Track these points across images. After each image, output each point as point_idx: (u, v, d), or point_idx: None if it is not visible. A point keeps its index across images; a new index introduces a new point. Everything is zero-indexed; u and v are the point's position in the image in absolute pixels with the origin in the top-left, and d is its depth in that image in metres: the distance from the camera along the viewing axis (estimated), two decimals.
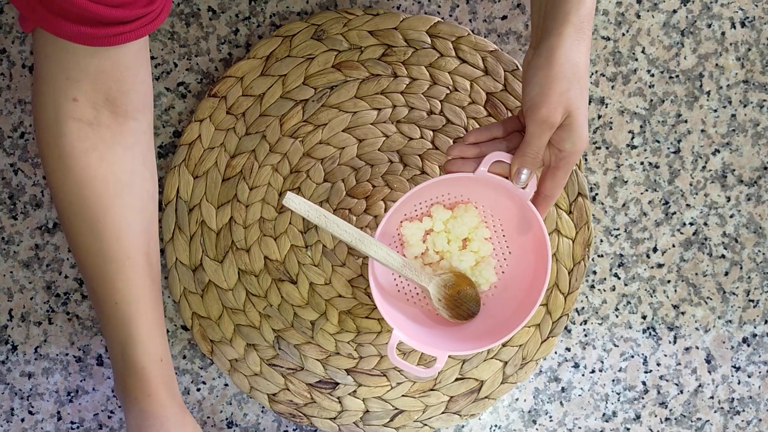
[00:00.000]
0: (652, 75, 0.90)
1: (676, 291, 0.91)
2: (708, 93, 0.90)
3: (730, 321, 0.91)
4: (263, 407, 0.90)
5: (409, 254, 0.83)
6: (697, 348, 0.91)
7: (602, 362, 0.91)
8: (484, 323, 0.83)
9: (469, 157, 0.78)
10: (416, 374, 0.78)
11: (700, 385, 0.91)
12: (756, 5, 0.89)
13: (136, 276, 0.75)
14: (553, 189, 0.78)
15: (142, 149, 0.76)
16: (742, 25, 0.90)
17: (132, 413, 0.77)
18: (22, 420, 0.90)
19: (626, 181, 0.90)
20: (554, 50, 0.73)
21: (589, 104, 0.89)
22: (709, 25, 0.89)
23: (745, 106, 0.90)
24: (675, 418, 0.91)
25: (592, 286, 0.90)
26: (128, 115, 0.74)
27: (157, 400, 0.76)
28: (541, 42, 0.74)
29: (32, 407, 0.90)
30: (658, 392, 0.91)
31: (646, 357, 0.91)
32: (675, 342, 0.91)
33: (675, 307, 0.91)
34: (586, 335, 0.91)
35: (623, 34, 0.89)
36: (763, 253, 0.91)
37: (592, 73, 0.89)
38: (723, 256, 0.91)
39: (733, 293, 0.91)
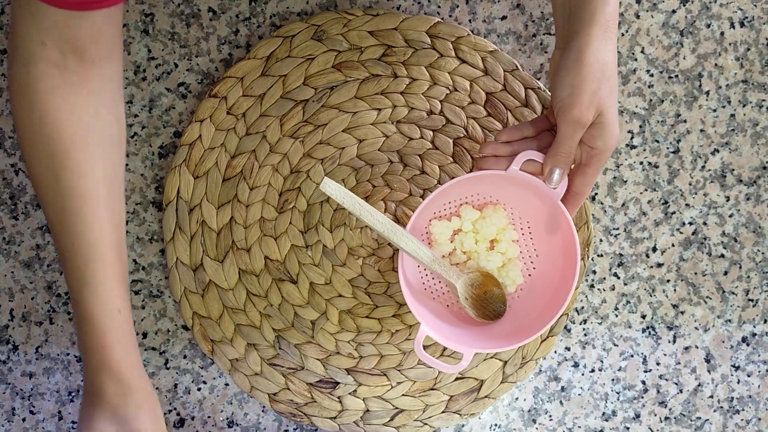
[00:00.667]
0: (652, 75, 0.90)
1: (675, 290, 0.91)
2: (707, 93, 0.90)
3: (730, 320, 0.91)
4: (264, 407, 0.91)
5: (436, 252, 0.83)
6: (697, 347, 0.91)
7: (602, 361, 0.91)
8: (510, 324, 0.83)
9: (501, 155, 0.79)
10: (441, 370, 0.78)
11: (699, 385, 0.91)
12: (755, 5, 0.90)
13: (95, 219, 0.74)
14: (584, 186, 0.79)
15: (108, 97, 0.75)
16: (741, 25, 0.90)
17: (88, 366, 0.75)
18: (24, 420, 0.90)
19: (626, 181, 0.90)
20: (583, 51, 0.74)
21: None
22: (708, 25, 0.90)
23: (744, 105, 0.90)
24: (674, 417, 0.91)
25: (592, 286, 0.91)
26: (94, 63, 0.74)
27: (112, 354, 0.74)
28: (569, 43, 0.75)
29: (33, 407, 0.90)
30: (658, 391, 0.91)
31: (645, 356, 0.91)
32: (674, 341, 0.91)
33: (674, 306, 0.91)
34: (585, 335, 0.91)
35: (622, 34, 0.89)
36: (763, 253, 0.91)
37: None
38: (722, 256, 0.91)
39: (733, 293, 0.91)
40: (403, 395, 0.90)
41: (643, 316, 0.91)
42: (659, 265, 0.91)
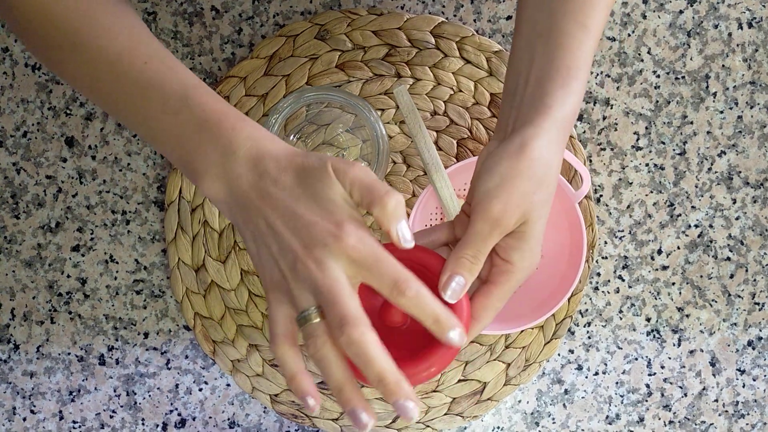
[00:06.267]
0: (658, 76, 0.89)
1: (680, 293, 0.90)
2: (714, 94, 0.89)
3: (735, 324, 0.90)
4: (265, 407, 0.90)
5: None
6: (702, 351, 0.91)
7: (606, 364, 0.90)
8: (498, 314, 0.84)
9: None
10: None
11: (704, 388, 0.91)
12: (763, 6, 0.89)
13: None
14: (484, 311, 0.63)
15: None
16: (749, 25, 0.89)
17: (221, 160, 0.61)
18: (24, 419, 0.90)
19: (631, 183, 0.89)
20: (528, 142, 0.61)
21: (594, 105, 0.89)
22: (716, 26, 0.89)
23: (751, 107, 0.89)
24: (679, 421, 0.91)
25: (596, 288, 0.90)
26: None
27: (245, 127, 0.61)
28: (513, 132, 0.63)
29: (34, 406, 0.90)
30: (662, 395, 0.91)
31: (650, 359, 0.90)
32: (679, 345, 0.90)
33: (679, 309, 0.90)
34: (589, 337, 0.90)
35: (629, 35, 0.89)
36: None
37: (598, 74, 0.89)
38: (728, 259, 0.90)
39: (739, 296, 0.90)
40: None
41: (648, 319, 0.90)
42: (664, 267, 0.90)
